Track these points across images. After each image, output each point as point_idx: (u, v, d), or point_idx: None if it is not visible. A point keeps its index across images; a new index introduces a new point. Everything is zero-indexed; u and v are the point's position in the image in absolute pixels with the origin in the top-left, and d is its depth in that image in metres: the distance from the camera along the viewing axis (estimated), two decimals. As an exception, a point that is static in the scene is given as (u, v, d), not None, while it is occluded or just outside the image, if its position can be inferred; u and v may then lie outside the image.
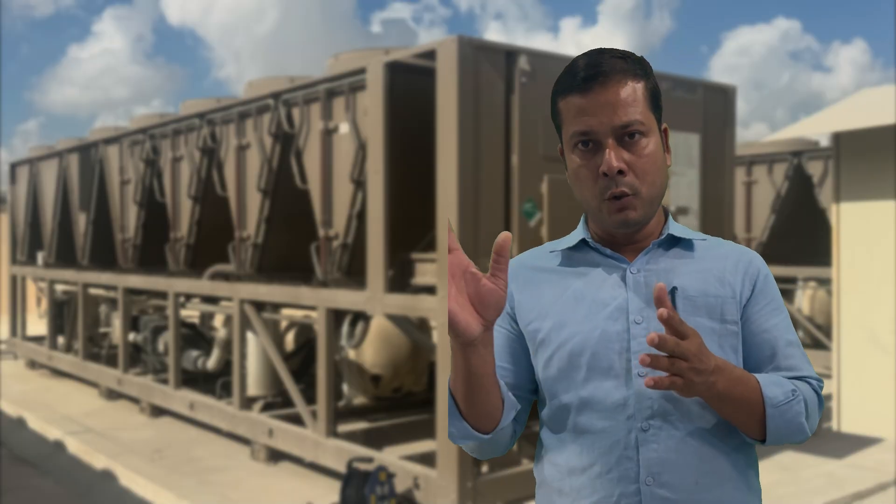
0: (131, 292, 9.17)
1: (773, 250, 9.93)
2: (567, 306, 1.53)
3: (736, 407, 1.43)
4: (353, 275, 5.83)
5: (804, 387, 1.52)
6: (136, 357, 9.18)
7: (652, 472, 1.45)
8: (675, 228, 1.57)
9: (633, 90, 1.47)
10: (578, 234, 1.60)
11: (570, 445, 1.52)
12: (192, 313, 9.03)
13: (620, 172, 1.46)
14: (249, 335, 7.13)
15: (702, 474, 1.45)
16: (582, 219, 1.63)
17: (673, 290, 1.50)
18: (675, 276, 1.52)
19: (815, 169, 9.92)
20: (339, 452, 5.75)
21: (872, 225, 6.98)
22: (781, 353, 1.54)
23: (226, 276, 7.36)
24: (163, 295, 8.62)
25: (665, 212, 1.60)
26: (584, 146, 1.49)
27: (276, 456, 6.55)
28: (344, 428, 6.61)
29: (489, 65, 4.92)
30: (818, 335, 9.85)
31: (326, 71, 6.21)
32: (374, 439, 6.58)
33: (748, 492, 1.52)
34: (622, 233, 1.54)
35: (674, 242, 1.57)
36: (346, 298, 5.76)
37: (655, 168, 1.49)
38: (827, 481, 5.55)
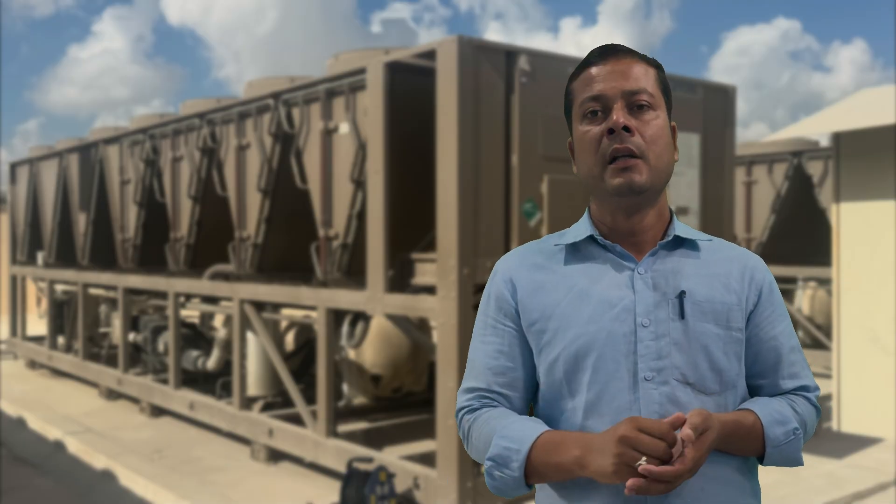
0: (131, 292, 9.17)
1: (773, 250, 9.93)
2: (572, 306, 1.51)
3: (737, 451, 1.50)
4: (353, 275, 5.83)
5: (803, 407, 1.56)
6: (136, 357, 9.18)
7: None
8: (681, 229, 1.57)
9: (644, 70, 1.52)
10: (585, 228, 1.57)
11: None
12: (192, 313, 9.03)
13: (626, 130, 1.46)
14: (249, 335, 7.13)
15: (707, 480, 1.46)
16: (586, 212, 1.61)
17: (681, 294, 1.50)
18: (683, 279, 1.51)
19: (815, 169, 9.91)
20: (339, 452, 5.75)
21: (872, 225, 6.98)
22: (786, 361, 1.57)
23: (226, 276, 7.35)
24: (163, 295, 8.62)
25: (670, 212, 1.59)
26: (592, 115, 1.50)
27: (276, 456, 6.55)
28: (344, 428, 6.61)
29: (489, 65, 4.92)
30: (818, 335, 9.85)
31: (326, 71, 6.21)
32: (374, 439, 6.58)
33: (751, 495, 1.53)
34: (624, 203, 1.50)
35: (679, 243, 1.56)
36: (346, 298, 5.76)
37: (663, 142, 1.50)
38: (827, 481, 5.55)
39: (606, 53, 1.52)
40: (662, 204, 1.56)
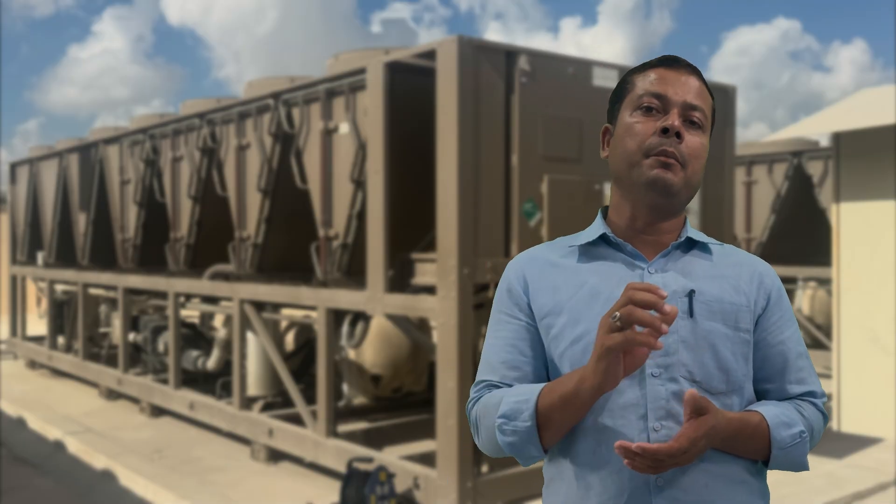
0: (131, 292, 9.17)
1: (773, 250, 9.93)
2: (582, 303, 1.53)
3: (742, 452, 1.50)
4: (353, 275, 5.83)
5: (810, 412, 1.56)
6: (136, 357, 9.19)
7: (663, 473, 1.44)
8: (693, 232, 1.60)
9: (706, 94, 1.57)
10: (598, 229, 1.59)
11: (579, 444, 1.51)
12: (192, 313, 9.03)
13: (678, 135, 1.50)
14: (249, 335, 7.13)
15: (712, 477, 1.46)
16: (599, 214, 1.64)
17: (691, 293, 1.51)
18: (693, 279, 1.53)
19: (815, 169, 9.91)
20: (339, 452, 5.75)
21: (872, 225, 6.98)
22: (793, 366, 1.58)
23: (226, 276, 7.36)
24: (163, 295, 8.62)
25: (684, 215, 1.63)
26: (647, 110, 1.53)
27: (276, 456, 6.55)
28: (344, 428, 6.61)
29: (489, 65, 4.92)
30: (818, 335, 9.85)
31: (326, 71, 6.21)
32: (374, 439, 6.58)
33: (759, 496, 1.53)
34: (649, 199, 1.52)
35: (691, 245, 1.59)
36: (346, 298, 5.76)
37: (701, 161, 1.55)
38: (827, 481, 5.55)
39: (678, 63, 1.56)
40: (680, 216, 1.61)
